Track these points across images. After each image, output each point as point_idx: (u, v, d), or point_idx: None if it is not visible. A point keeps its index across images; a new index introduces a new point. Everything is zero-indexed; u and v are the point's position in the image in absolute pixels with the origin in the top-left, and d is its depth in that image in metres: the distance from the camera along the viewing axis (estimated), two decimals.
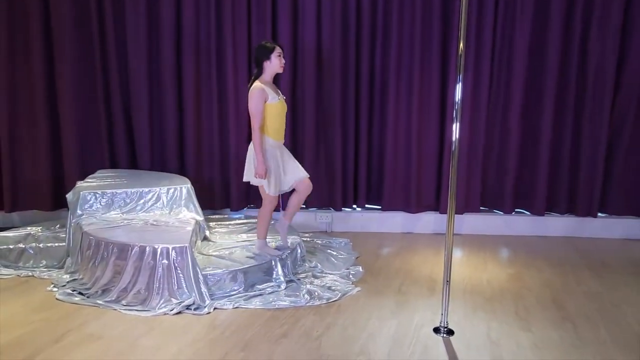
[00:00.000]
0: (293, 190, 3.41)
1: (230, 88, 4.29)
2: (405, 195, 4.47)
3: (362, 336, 2.63)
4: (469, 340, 2.60)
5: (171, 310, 2.83)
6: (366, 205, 4.62)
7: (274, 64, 3.14)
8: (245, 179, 3.34)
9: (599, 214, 4.47)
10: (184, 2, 4.20)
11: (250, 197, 4.59)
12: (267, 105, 3.09)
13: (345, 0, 4.21)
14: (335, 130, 4.34)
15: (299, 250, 3.57)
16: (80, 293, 3.05)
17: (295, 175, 3.29)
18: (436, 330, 2.70)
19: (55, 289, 3.12)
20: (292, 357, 2.40)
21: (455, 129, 2.53)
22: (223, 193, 4.50)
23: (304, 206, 4.50)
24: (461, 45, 2.45)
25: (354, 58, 4.30)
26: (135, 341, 2.54)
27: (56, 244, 3.54)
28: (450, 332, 2.67)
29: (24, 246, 3.52)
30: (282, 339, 2.58)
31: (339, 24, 4.21)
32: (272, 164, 3.18)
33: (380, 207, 4.57)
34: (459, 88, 2.49)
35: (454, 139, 2.54)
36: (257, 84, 3.12)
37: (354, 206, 4.62)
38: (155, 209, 3.58)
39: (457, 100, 2.51)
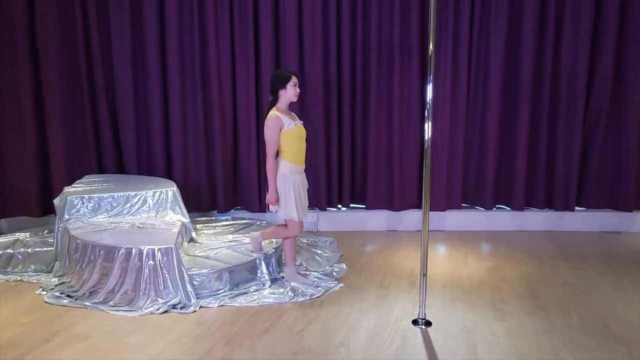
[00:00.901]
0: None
1: (214, 93, 4.37)
2: (388, 194, 4.58)
3: (342, 329, 2.72)
4: (446, 330, 2.70)
5: (158, 310, 2.91)
6: (351, 205, 4.72)
7: (289, 93, 3.18)
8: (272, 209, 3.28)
9: (577, 208, 4.61)
10: (167, 8, 4.27)
11: (237, 199, 4.67)
12: (283, 132, 3.13)
13: (326, 6, 4.32)
14: (319, 133, 4.43)
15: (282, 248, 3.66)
16: (68, 295, 3.11)
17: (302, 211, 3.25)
18: (414, 322, 2.80)
19: (43, 292, 3.18)
20: (273, 351, 2.49)
21: (427, 128, 2.64)
22: (210, 195, 4.58)
23: None
24: (431, 46, 2.56)
25: (335, 62, 4.41)
26: (122, 340, 2.61)
27: (44, 249, 3.60)
28: (428, 324, 2.77)
29: (12, 251, 3.57)
30: (265, 334, 2.67)
31: (319, 29, 4.31)
32: (293, 189, 3.16)
33: (364, 206, 4.68)
34: (430, 88, 2.59)
35: (426, 137, 2.64)
36: (272, 112, 3.15)
37: (339, 206, 4.72)
38: (142, 212, 3.65)
39: (428, 100, 2.61)
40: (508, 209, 4.68)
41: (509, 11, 4.31)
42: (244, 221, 4.30)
